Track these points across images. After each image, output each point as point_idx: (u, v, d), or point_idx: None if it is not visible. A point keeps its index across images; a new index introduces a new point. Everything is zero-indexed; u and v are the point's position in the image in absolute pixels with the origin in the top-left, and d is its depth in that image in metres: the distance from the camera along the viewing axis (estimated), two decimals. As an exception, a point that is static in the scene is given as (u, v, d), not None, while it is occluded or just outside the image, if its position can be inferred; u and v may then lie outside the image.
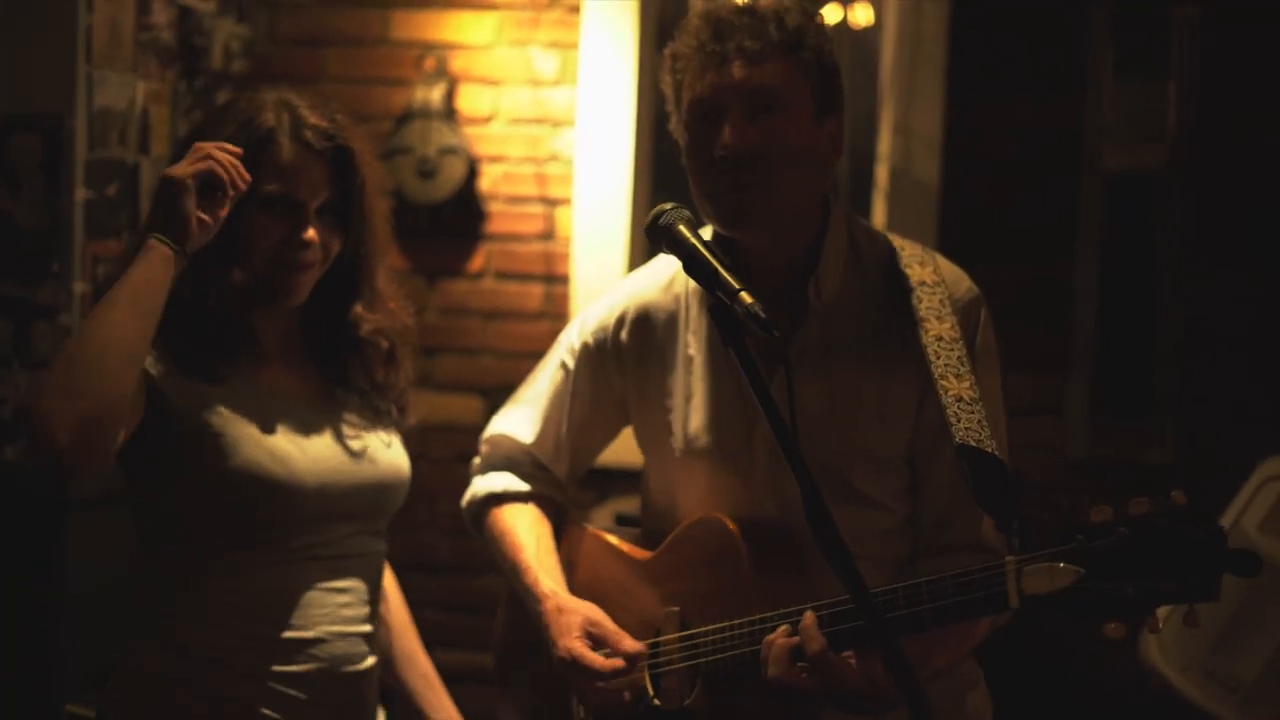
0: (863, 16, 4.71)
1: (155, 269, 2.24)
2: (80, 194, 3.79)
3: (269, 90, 2.52)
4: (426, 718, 2.83)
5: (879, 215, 4.56)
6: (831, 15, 4.70)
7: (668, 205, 2.26)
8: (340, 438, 2.54)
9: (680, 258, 2.20)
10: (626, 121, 4.57)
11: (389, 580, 2.82)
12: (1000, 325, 4.32)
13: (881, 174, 4.59)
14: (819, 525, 2.00)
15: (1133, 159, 4.54)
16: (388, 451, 2.62)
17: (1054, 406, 4.50)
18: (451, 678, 4.66)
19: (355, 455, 2.54)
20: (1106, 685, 4.28)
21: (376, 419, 2.63)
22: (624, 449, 2.88)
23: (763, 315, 2.04)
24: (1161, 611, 3.74)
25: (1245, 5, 4.38)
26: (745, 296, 2.06)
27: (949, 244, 4.43)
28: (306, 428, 2.51)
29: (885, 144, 4.57)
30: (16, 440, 3.76)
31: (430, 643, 4.67)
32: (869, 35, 4.69)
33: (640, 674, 2.52)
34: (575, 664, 2.49)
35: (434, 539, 4.71)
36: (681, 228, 2.21)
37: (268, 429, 2.45)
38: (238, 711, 2.44)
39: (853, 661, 2.23)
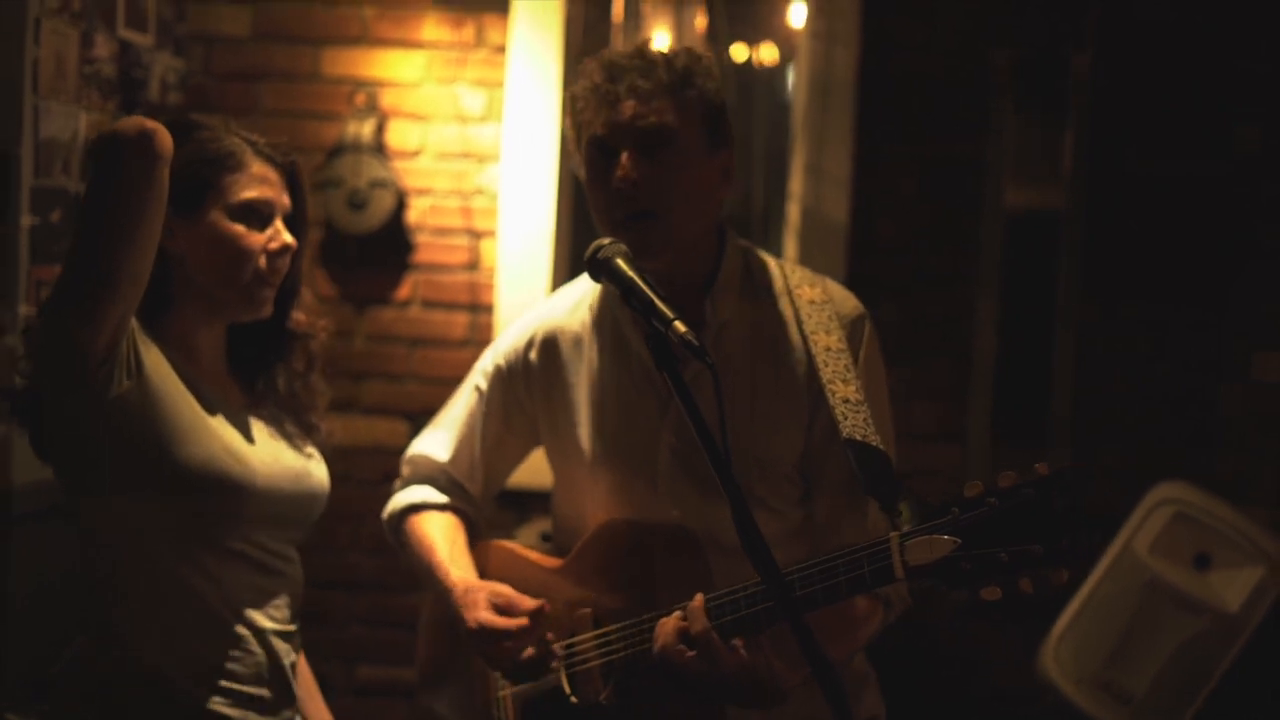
0: (768, 56, 4.89)
1: None
2: (26, 220, 3.85)
3: (210, 118, 2.63)
4: None
5: (790, 250, 4.70)
6: (739, 54, 4.88)
7: (605, 240, 2.38)
8: (281, 447, 2.64)
9: (619, 288, 2.33)
10: (549, 158, 4.67)
11: None
12: (906, 355, 4.55)
13: (793, 211, 4.72)
14: (741, 519, 2.12)
15: (1031, 198, 4.71)
16: (319, 467, 2.73)
17: (956, 433, 4.65)
18: (374, 691, 4.81)
19: (296, 465, 2.64)
20: (1005, 700, 4.45)
21: (306, 434, 2.74)
22: (545, 471, 2.99)
23: (696, 342, 2.16)
24: (1058, 627, 3.96)
25: (1136, 53, 4.55)
26: (679, 325, 2.19)
27: (857, 278, 4.60)
28: (253, 433, 2.59)
29: (797, 183, 4.70)
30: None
31: (354, 658, 4.81)
32: (782, 79, 4.86)
33: (557, 667, 2.63)
34: (483, 629, 2.60)
35: (358, 558, 4.79)
36: (619, 261, 2.33)
37: (222, 427, 2.52)
38: (183, 708, 2.49)
39: (741, 651, 2.36)
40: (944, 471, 4.55)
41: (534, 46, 4.69)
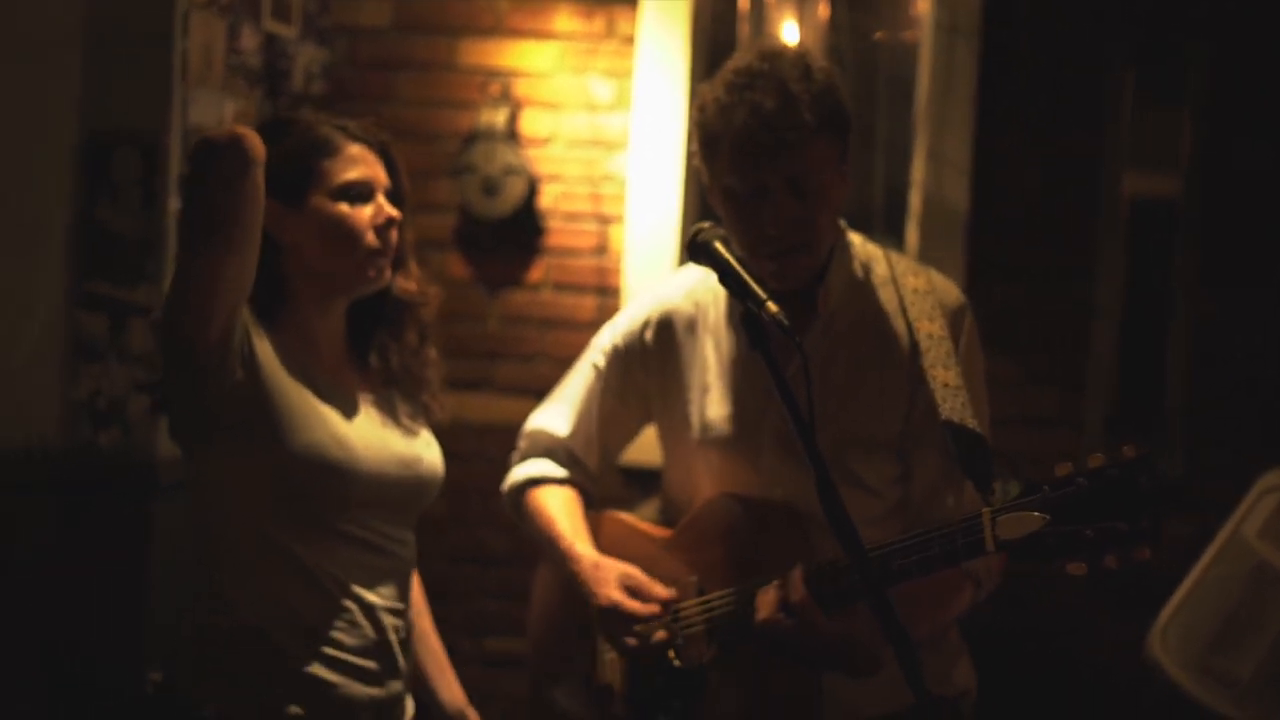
0: (909, 37, 4.98)
1: None
2: (174, 204, 4.04)
3: (301, 113, 2.75)
4: (436, 696, 2.95)
5: (912, 238, 4.77)
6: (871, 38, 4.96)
7: (705, 225, 2.51)
8: (391, 434, 2.71)
9: (716, 271, 2.45)
10: (676, 145, 4.78)
11: None
12: (1024, 341, 4.62)
13: (915, 199, 4.79)
14: (826, 496, 2.22)
15: (1149, 185, 4.75)
16: (429, 450, 2.79)
17: (1073, 419, 4.68)
18: (502, 663, 4.96)
19: (405, 452, 2.71)
20: (1114, 681, 4.49)
21: (419, 417, 2.81)
22: (669, 450, 3.10)
23: (786, 323, 2.29)
24: (1167, 610, 4.01)
25: (1255, 42, 4.56)
26: (771, 306, 2.31)
27: (977, 266, 4.68)
28: (363, 420, 2.68)
29: (919, 171, 4.77)
30: (109, 428, 4.08)
31: (482, 630, 4.97)
32: (905, 69, 4.93)
33: (664, 635, 2.75)
34: (616, 609, 2.73)
35: (489, 533, 4.93)
36: (718, 245, 2.46)
37: (331, 415, 2.61)
38: (287, 669, 2.59)
39: (838, 620, 2.48)
40: (1059, 456, 4.59)
41: (662, 37, 4.81)
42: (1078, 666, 4.56)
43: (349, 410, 2.67)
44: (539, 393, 4.85)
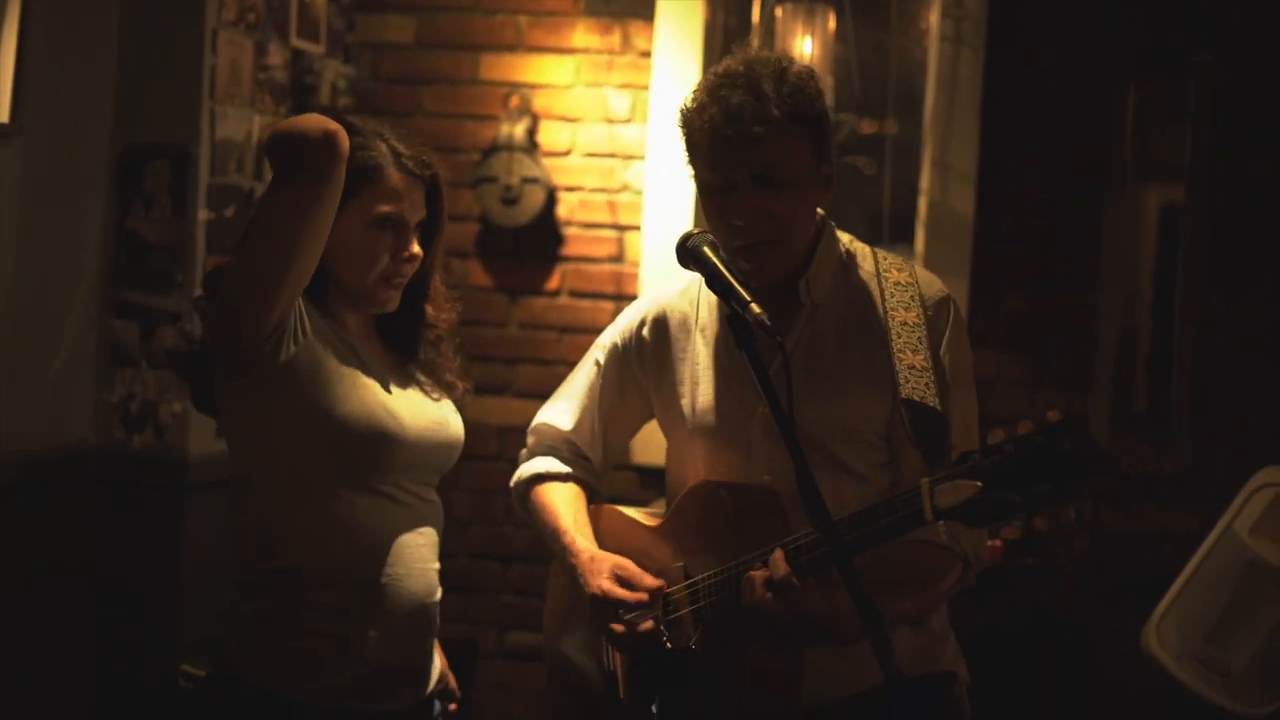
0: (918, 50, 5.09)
1: None
2: (202, 215, 4.22)
3: (365, 122, 2.79)
4: None
5: (919, 243, 4.89)
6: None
7: (694, 230, 2.64)
8: (424, 401, 2.85)
9: (703, 274, 2.59)
10: None
11: None
12: (1030, 346, 4.72)
13: (922, 206, 4.90)
14: (803, 480, 2.35)
15: (1152, 194, 4.87)
16: (455, 416, 2.93)
17: (1079, 420, 4.78)
18: (524, 655, 5.09)
19: (437, 416, 2.85)
20: (1110, 672, 4.59)
21: (442, 390, 2.93)
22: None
23: (768, 323, 2.42)
24: (1162, 605, 4.08)
25: (1260, 53, 4.65)
26: (754, 308, 2.44)
27: (983, 271, 4.80)
28: (401, 389, 2.81)
29: (926, 179, 4.89)
30: (142, 430, 4.24)
31: (506, 624, 5.10)
32: (914, 80, 5.04)
33: (650, 624, 2.85)
34: (605, 598, 2.83)
35: (511, 531, 5.09)
36: (705, 249, 2.59)
37: (373, 384, 2.73)
38: (337, 644, 2.70)
39: (817, 591, 2.58)
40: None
41: (676, 51, 4.96)
42: (1074, 659, 4.65)
43: (388, 381, 2.79)
44: (559, 397, 5.04)
